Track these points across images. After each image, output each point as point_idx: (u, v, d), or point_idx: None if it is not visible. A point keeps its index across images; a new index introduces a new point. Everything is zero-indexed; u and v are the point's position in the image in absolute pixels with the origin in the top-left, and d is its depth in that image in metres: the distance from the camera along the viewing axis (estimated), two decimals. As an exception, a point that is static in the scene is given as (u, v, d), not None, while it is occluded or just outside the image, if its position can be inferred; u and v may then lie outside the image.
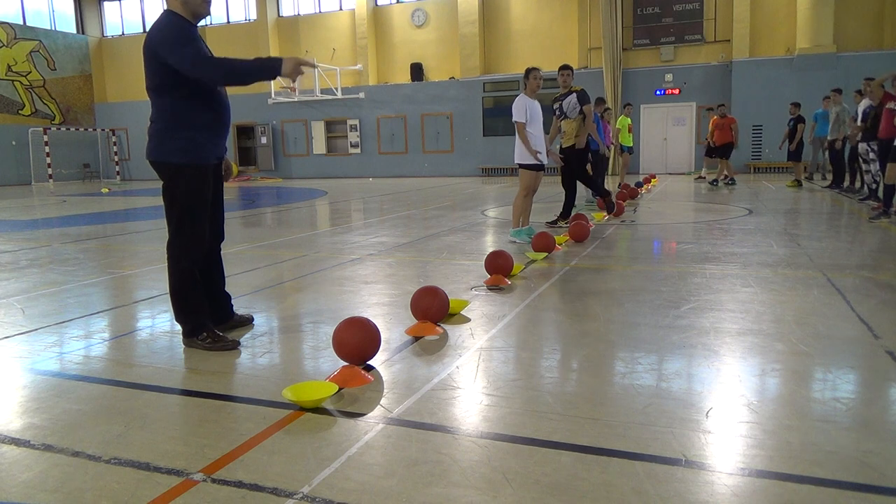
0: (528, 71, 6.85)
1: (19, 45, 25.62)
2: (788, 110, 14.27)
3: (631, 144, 13.47)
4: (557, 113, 8.21)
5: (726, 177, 14.67)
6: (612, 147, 14.13)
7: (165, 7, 3.34)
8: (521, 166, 6.94)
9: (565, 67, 8.06)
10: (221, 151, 3.55)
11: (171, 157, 3.33)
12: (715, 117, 14.83)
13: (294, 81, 3.29)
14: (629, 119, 13.31)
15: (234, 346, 3.45)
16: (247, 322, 3.91)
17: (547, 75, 25.49)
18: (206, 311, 3.54)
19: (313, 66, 3.34)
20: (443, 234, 7.86)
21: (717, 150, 14.70)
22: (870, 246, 6.37)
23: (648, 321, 3.81)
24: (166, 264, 3.49)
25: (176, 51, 3.17)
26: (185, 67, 3.18)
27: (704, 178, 16.62)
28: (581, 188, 10.98)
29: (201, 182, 3.41)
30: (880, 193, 8.55)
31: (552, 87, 21.88)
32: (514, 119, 6.83)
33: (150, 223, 10.01)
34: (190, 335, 3.47)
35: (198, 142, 3.35)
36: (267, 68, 3.20)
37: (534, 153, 6.80)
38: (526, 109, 6.79)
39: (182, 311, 3.47)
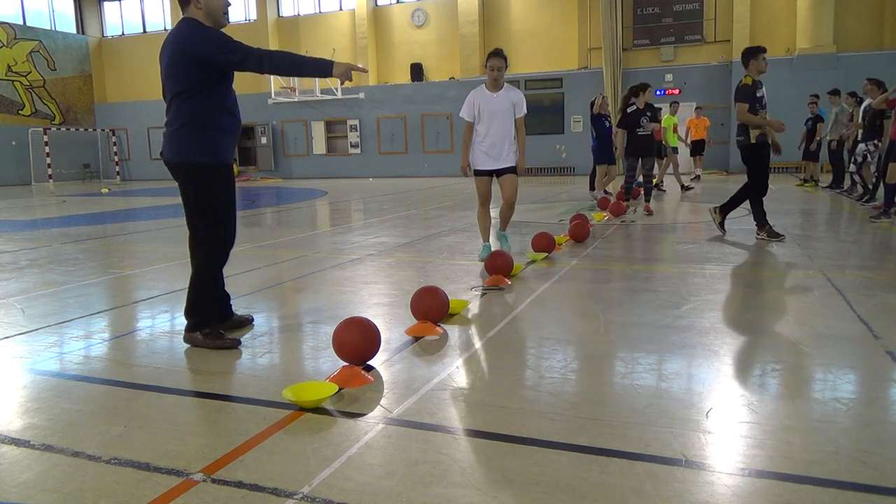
0: (487, 58, 5.58)
1: (19, 46, 25.61)
2: (809, 109, 14.16)
3: (676, 144, 13.36)
4: (759, 105, 6.51)
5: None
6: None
7: (185, 16, 3.40)
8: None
9: (763, 49, 6.55)
10: (233, 154, 3.62)
11: (195, 157, 3.39)
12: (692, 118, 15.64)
13: (341, 84, 3.42)
14: (675, 118, 13.22)
15: (235, 344, 3.46)
16: (246, 322, 3.92)
17: (546, 75, 24.97)
18: (215, 311, 3.62)
19: (364, 70, 3.49)
20: (443, 234, 7.85)
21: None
22: (870, 246, 6.37)
23: (648, 321, 3.81)
24: (190, 262, 3.56)
25: (225, 47, 3.29)
26: (236, 60, 3.30)
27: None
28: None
29: (226, 181, 3.52)
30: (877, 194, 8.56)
31: (552, 87, 22.24)
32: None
33: (150, 223, 10.01)
34: (192, 329, 3.50)
35: (217, 143, 3.43)
36: (320, 68, 3.45)
37: (464, 163, 5.72)
38: (474, 105, 5.61)
39: (195, 306, 3.52)
